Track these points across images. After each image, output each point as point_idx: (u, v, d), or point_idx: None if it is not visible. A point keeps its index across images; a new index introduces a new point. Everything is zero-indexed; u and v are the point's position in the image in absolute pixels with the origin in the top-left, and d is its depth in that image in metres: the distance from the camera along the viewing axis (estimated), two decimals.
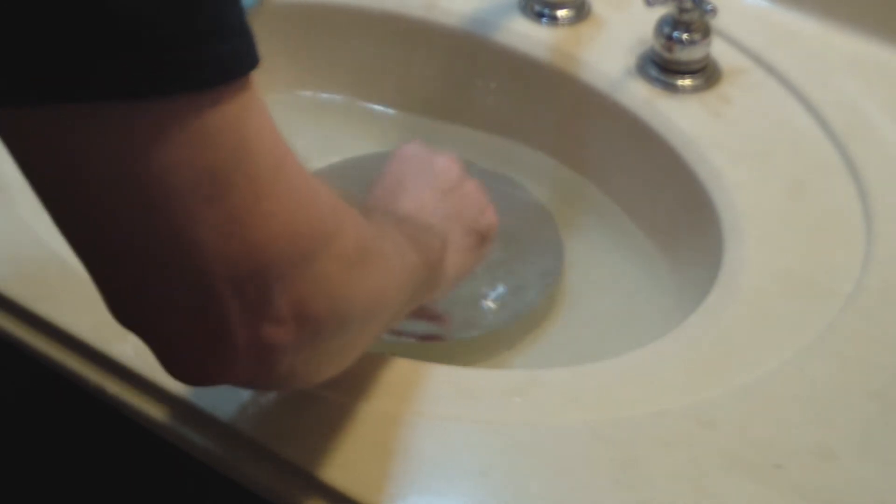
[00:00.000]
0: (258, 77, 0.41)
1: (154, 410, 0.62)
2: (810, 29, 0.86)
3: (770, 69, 0.83)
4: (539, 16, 0.89)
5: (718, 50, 0.84)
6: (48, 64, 0.36)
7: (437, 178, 0.72)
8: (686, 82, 0.82)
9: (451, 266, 0.67)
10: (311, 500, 0.57)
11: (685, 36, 0.82)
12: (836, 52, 0.84)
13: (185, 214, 0.39)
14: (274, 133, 0.41)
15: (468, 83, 0.92)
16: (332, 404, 0.60)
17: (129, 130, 0.37)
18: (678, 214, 0.80)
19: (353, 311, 0.47)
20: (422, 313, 0.75)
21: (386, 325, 0.56)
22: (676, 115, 0.81)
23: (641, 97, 0.82)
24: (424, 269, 0.59)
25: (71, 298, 0.67)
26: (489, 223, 0.73)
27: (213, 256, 0.40)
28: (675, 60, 0.82)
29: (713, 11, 0.80)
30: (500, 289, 0.82)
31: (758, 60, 0.84)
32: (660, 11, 0.82)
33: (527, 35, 0.88)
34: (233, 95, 0.39)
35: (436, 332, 0.78)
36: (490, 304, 0.81)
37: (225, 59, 0.38)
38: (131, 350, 0.64)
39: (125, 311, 0.42)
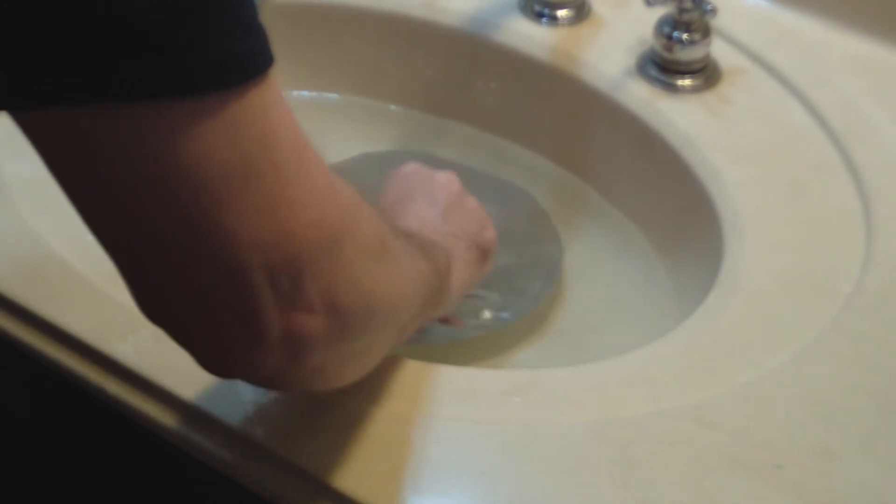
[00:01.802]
0: None
1: (154, 411, 0.62)
2: (810, 29, 0.86)
3: (770, 69, 0.83)
4: (539, 16, 0.89)
5: (718, 50, 0.84)
6: (74, 66, 0.36)
7: (437, 194, 0.72)
8: (686, 82, 0.82)
9: (456, 280, 0.66)
10: (309, 500, 0.57)
11: (685, 36, 0.82)
12: (836, 52, 0.84)
13: (216, 207, 0.39)
14: (294, 125, 0.42)
15: (468, 83, 0.92)
16: (330, 404, 0.60)
17: (154, 130, 0.38)
18: (678, 215, 0.79)
19: (377, 304, 0.48)
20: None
21: (401, 331, 0.56)
22: (676, 115, 0.81)
23: (641, 97, 0.82)
24: (434, 277, 0.60)
25: (71, 298, 0.67)
26: (489, 238, 0.74)
27: (246, 246, 0.40)
28: (675, 60, 0.82)
29: (713, 11, 0.80)
30: (500, 289, 0.81)
31: (758, 60, 0.84)
32: (660, 11, 0.82)
33: (527, 35, 0.88)
34: (254, 92, 0.39)
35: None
36: (490, 304, 0.81)
37: (244, 57, 0.39)
38: (131, 350, 0.64)
39: (156, 305, 0.43)
